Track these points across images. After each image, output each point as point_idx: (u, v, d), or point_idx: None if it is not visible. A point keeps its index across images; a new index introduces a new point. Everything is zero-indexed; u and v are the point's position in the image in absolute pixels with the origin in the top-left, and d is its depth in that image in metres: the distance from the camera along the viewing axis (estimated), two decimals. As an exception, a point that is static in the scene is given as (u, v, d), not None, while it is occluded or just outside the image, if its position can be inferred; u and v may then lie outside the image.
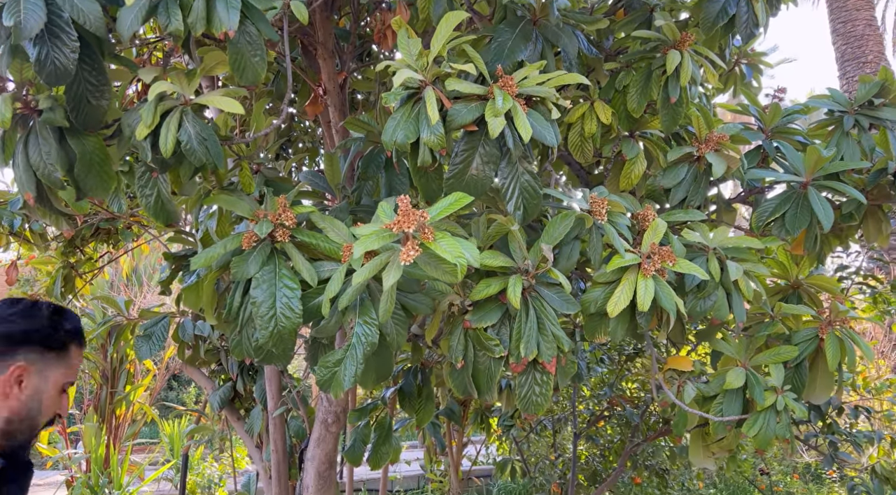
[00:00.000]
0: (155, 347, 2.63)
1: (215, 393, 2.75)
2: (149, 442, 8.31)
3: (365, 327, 1.21)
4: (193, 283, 1.33)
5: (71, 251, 3.25)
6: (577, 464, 3.03)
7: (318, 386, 1.22)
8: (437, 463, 6.38)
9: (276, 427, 2.44)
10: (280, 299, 1.22)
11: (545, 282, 1.33)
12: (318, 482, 2.20)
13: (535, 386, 1.31)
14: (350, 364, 1.20)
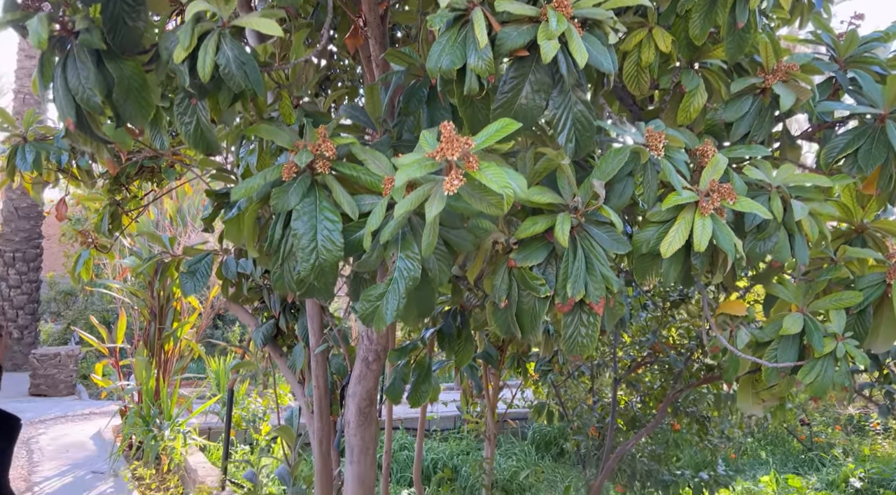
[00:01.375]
0: (199, 284, 2.67)
1: (258, 329, 2.80)
2: (196, 376, 8.65)
3: (407, 261, 1.18)
4: (235, 216, 1.31)
5: (116, 189, 3.30)
6: (617, 409, 3.02)
7: (361, 319, 1.20)
8: (473, 405, 6.49)
9: (318, 363, 2.47)
10: (321, 232, 1.19)
11: (595, 221, 1.27)
12: (359, 418, 2.24)
13: (580, 328, 1.27)
14: (392, 298, 1.17)
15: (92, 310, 11.41)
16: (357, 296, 1.44)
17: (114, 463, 5.83)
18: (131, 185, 3.43)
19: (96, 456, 6.27)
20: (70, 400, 9.00)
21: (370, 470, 2.29)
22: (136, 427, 5.99)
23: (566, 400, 3.93)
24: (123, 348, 7.13)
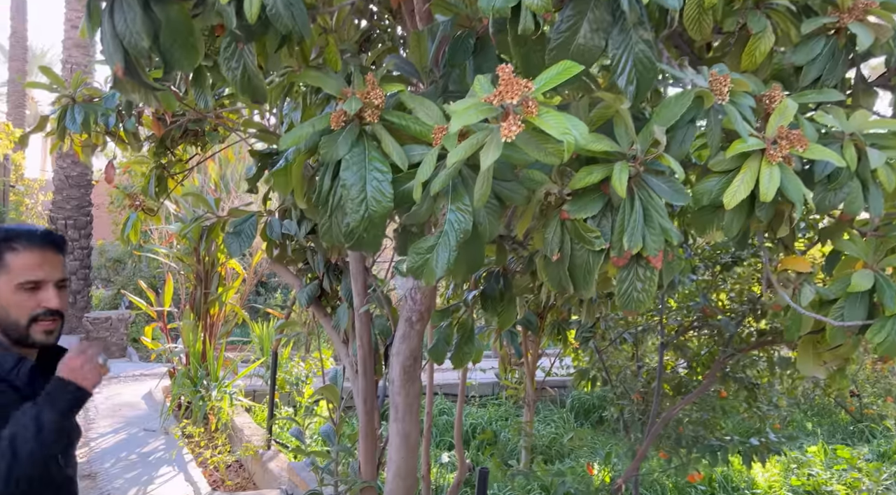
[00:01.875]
0: (244, 244, 2.69)
1: (303, 290, 2.82)
2: (241, 340, 8.87)
3: (458, 214, 1.15)
4: (283, 167, 1.29)
5: (162, 152, 3.33)
6: (663, 374, 2.97)
7: (410, 273, 1.18)
8: (511, 373, 6.51)
9: (362, 323, 2.48)
10: (370, 182, 1.17)
11: (654, 170, 1.21)
12: (403, 376, 2.24)
13: (637, 282, 1.23)
14: (443, 251, 1.15)
15: (140, 275, 11.76)
16: (404, 250, 1.41)
17: (164, 422, 6.05)
18: (176, 149, 3.46)
19: (147, 414, 6.51)
20: (122, 362, 9.35)
21: (414, 427, 2.31)
22: (184, 388, 6.19)
23: (609, 367, 3.89)
24: (171, 312, 7.34)
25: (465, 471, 3.90)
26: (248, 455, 5.04)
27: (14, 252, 1.38)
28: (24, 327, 1.38)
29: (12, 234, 1.40)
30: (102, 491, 4.53)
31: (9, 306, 1.38)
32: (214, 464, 5.13)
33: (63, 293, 1.46)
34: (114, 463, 5.09)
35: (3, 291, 1.38)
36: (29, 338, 1.39)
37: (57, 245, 1.47)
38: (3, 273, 1.38)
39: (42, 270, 1.40)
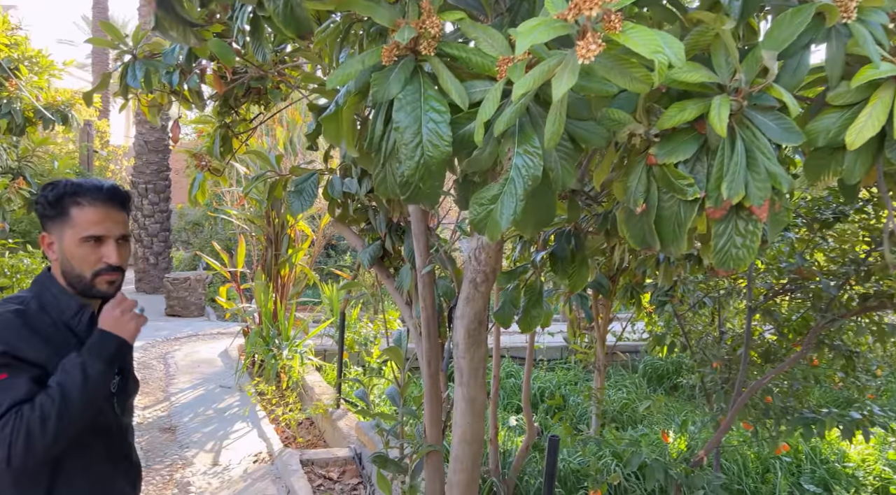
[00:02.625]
0: (306, 203, 2.63)
1: (365, 251, 2.75)
2: (311, 301, 9.04)
3: (526, 157, 1.01)
4: (332, 112, 1.18)
5: (226, 111, 3.31)
6: (750, 341, 2.75)
7: (472, 226, 1.05)
8: (580, 337, 6.35)
9: (425, 285, 2.39)
10: (426, 124, 1.04)
11: (760, 105, 1.02)
12: (468, 339, 2.14)
13: (736, 237, 1.05)
14: (508, 200, 1.01)
15: (216, 237, 12.15)
16: (465, 202, 1.28)
17: (239, 379, 6.25)
18: (240, 108, 3.43)
19: (223, 371, 6.75)
20: (200, 321, 9.74)
21: (480, 392, 2.21)
22: (257, 346, 6.36)
23: (688, 332, 3.67)
24: (244, 273, 7.52)
25: (533, 436, 3.82)
26: (318, 413, 5.13)
27: (79, 206, 1.41)
28: (89, 280, 1.42)
29: (78, 189, 1.42)
30: (182, 443, 4.72)
31: (73, 259, 1.41)
32: (286, 422, 5.25)
33: (124, 248, 1.48)
34: (192, 418, 5.30)
35: (68, 244, 1.41)
36: (93, 290, 1.43)
37: (121, 202, 1.48)
38: (68, 226, 1.41)
39: (105, 226, 1.42)
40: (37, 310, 1.40)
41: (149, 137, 12.04)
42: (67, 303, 1.43)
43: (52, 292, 1.43)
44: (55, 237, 1.43)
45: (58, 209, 1.41)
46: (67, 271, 1.43)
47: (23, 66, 5.52)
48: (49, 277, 1.46)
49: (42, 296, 1.43)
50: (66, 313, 1.42)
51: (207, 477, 4.11)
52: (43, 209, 1.43)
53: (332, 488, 3.96)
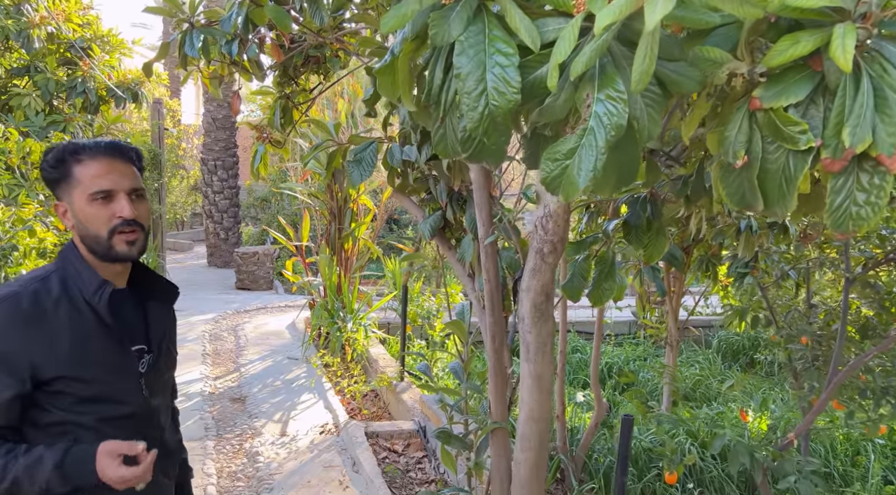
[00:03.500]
0: (365, 172, 2.56)
1: (425, 221, 2.65)
2: (374, 274, 9.10)
3: (608, 104, 0.87)
4: (387, 63, 1.07)
5: (286, 81, 3.26)
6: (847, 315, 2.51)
7: (544, 185, 0.93)
8: (650, 312, 6.12)
9: (488, 256, 2.28)
10: (491, 69, 0.92)
11: (892, 35, 0.85)
12: (534, 313, 2.02)
13: (858, 193, 0.89)
14: (587, 154, 0.88)
15: (282, 212, 12.39)
16: (535, 160, 1.16)
17: (305, 351, 6.35)
18: (300, 78, 3.39)
19: (290, 343, 6.88)
20: (268, 294, 9.98)
21: (547, 368, 2.10)
22: (322, 319, 6.44)
23: (774, 306, 3.43)
24: (308, 247, 7.61)
25: (603, 413, 3.69)
26: (383, 385, 5.14)
27: (80, 163, 1.35)
28: (106, 240, 1.34)
29: (77, 146, 1.36)
30: (251, 414, 4.83)
31: (87, 221, 1.34)
32: (351, 393, 5.30)
33: (140, 203, 1.39)
34: (261, 389, 5.42)
35: (78, 205, 1.34)
36: (112, 251, 1.35)
37: (123, 153, 1.40)
38: (75, 186, 1.34)
39: (110, 178, 1.35)
40: (55, 288, 1.33)
41: (216, 114, 12.31)
42: (89, 278, 1.35)
43: (75, 267, 1.37)
44: (67, 202, 1.37)
45: (61, 170, 1.35)
46: (84, 235, 1.35)
47: (95, 45, 5.66)
48: (72, 249, 1.39)
49: (65, 270, 1.37)
50: (86, 290, 1.35)
51: (275, 448, 4.18)
52: (47, 174, 1.37)
53: (396, 461, 3.96)
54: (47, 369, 1.28)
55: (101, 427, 1.34)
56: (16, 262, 2.92)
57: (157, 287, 1.51)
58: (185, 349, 6.39)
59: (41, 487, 1.23)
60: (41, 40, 5.26)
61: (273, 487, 3.59)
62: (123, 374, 1.39)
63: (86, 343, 1.32)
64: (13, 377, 1.25)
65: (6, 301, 1.28)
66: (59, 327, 1.30)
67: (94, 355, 1.33)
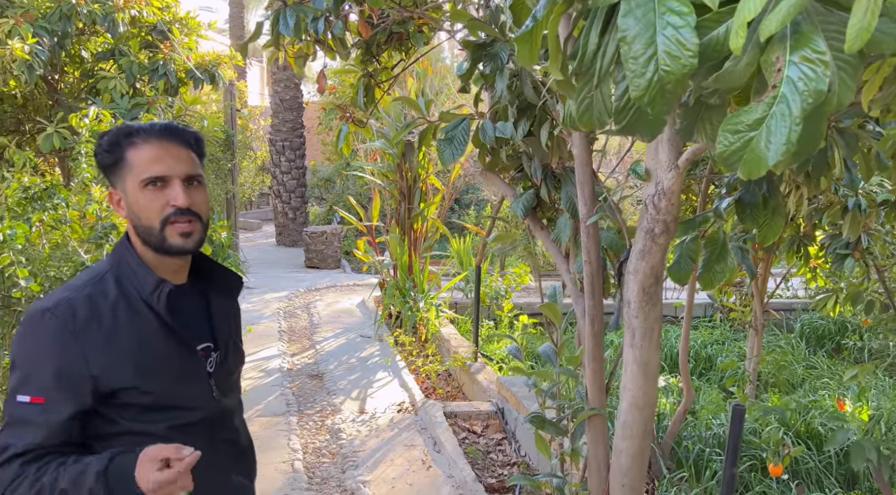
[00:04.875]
0: (457, 151, 2.50)
1: (518, 200, 2.58)
2: (441, 254, 9.09)
3: (804, 67, 0.77)
4: (527, 30, 0.99)
5: (368, 59, 3.23)
6: None
7: (721, 160, 0.84)
8: (728, 293, 5.88)
9: (590, 236, 2.18)
10: (662, 31, 0.82)
11: None
12: (642, 297, 1.92)
13: None
14: (779, 124, 0.78)
15: (348, 192, 12.50)
16: (690, 132, 1.06)
17: (378, 330, 6.41)
18: (381, 56, 3.35)
19: (362, 322, 6.96)
20: (336, 273, 10.13)
21: (653, 354, 2.00)
22: (393, 298, 6.47)
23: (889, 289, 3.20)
24: (378, 226, 7.65)
25: (691, 399, 3.55)
26: (457, 366, 5.13)
27: (134, 146, 1.24)
28: (159, 231, 1.23)
29: (131, 128, 1.26)
30: (329, 390, 4.91)
31: (139, 209, 1.24)
32: (426, 373, 5.31)
33: (197, 191, 1.28)
34: (337, 366, 5.50)
35: (131, 192, 1.24)
36: (166, 243, 1.24)
37: (179, 136, 1.28)
38: (128, 171, 1.24)
39: (165, 163, 1.24)
40: (111, 290, 1.24)
41: (284, 96, 12.48)
42: (145, 278, 1.25)
43: (131, 266, 1.26)
44: (121, 190, 1.27)
45: (115, 154, 1.25)
46: (137, 225, 1.25)
47: (175, 28, 5.78)
48: (126, 246, 1.28)
49: (120, 268, 1.27)
50: (144, 290, 1.25)
51: (356, 425, 4.23)
52: (101, 158, 1.27)
53: (476, 442, 3.94)
54: (109, 381, 1.18)
55: (172, 435, 1.23)
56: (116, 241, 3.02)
57: (221, 278, 1.42)
58: (261, 326, 6.56)
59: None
60: (125, 24, 5.40)
61: (358, 464, 3.63)
62: (191, 378, 1.30)
63: (148, 348, 1.23)
64: (71, 393, 1.16)
65: (58, 309, 1.18)
66: (118, 333, 1.20)
67: (159, 360, 1.24)
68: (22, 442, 1.14)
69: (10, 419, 1.16)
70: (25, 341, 1.19)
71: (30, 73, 4.75)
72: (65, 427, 1.17)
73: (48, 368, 1.16)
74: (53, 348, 1.16)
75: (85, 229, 3.23)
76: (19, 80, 4.97)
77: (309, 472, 3.55)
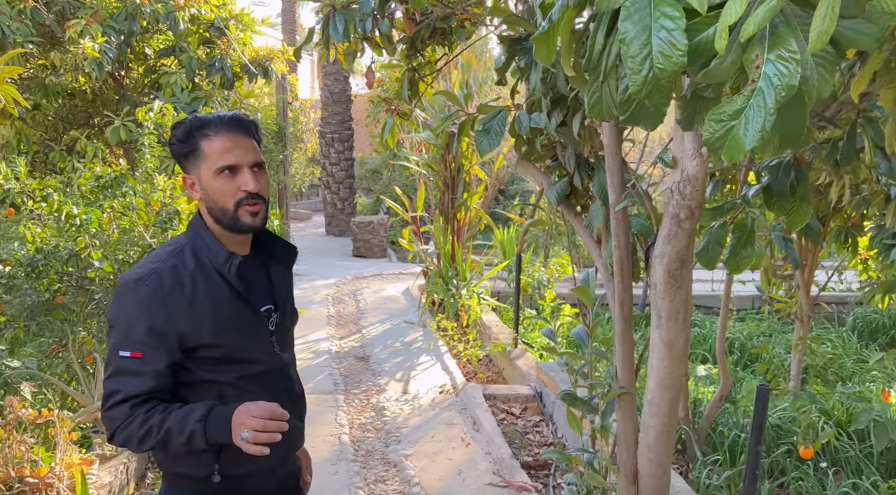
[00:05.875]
0: (494, 142, 2.62)
1: (552, 188, 2.68)
2: (484, 244, 9.21)
3: (779, 64, 0.88)
4: (544, 31, 1.11)
5: (413, 54, 3.37)
6: None
7: (707, 146, 0.95)
8: (776, 285, 5.82)
9: (619, 222, 2.28)
10: (657, 33, 0.94)
11: None
12: (668, 280, 2.02)
13: None
14: (755, 115, 0.89)
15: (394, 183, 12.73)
16: (690, 122, 1.17)
17: (421, 316, 6.59)
18: (425, 51, 3.48)
19: (406, 308, 7.16)
20: (382, 261, 10.38)
21: (679, 335, 2.09)
22: (437, 286, 6.64)
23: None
24: (422, 216, 7.83)
25: (728, 386, 3.60)
26: (497, 351, 5.26)
27: (207, 138, 1.40)
28: (232, 212, 1.41)
29: (203, 121, 1.42)
30: (375, 372, 5.12)
31: (214, 194, 1.41)
32: (467, 357, 5.46)
33: (261, 176, 1.45)
34: (382, 349, 5.71)
35: (206, 179, 1.41)
36: (238, 223, 1.42)
37: (245, 127, 1.45)
38: (202, 161, 1.41)
39: (235, 154, 1.40)
40: (190, 261, 1.42)
41: (333, 89, 12.78)
42: (217, 251, 1.43)
43: (205, 240, 1.44)
44: (195, 176, 1.43)
45: (190, 144, 1.41)
46: (212, 207, 1.42)
47: (231, 24, 6.06)
48: (199, 222, 1.46)
49: (195, 242, 1.44)
50: (216, 261, 1.43)
51: (399, 404, 4.43)
52: (176, 148, 1.43)
53: (514, 423, 4.08)
54: (191, 338, 1.37)
55: (241, 384, 1.43)
56: (181, 226, 3.26)
57: (278, 249, 1.58)
58: (311, 311, 6.83)
59: (186, 439, 1.31)
60: (185, 21, 5.70)
61: (400, 439, 3.82)
62: (256, 335, 1.48)
63: (221, 310, 1.41)
64: (165, 347, 1.35)
65: (149, 279, 1.37)
66: (197, 298, 1.38)
67: (230, 321, 1.42)
68: (128, 389, 1.34)
69: (115, 370, 1.36)
70: (123, 306, 1.38)
71: (99, 70, 5.08)
72: (161, 375, 1.36)
73: (143, 327, 1.35)
74: (146, 311, 1.35)
75: (150, 215, 3.49)
76: (89, 76, 5.33)
77: (355, 445, 3.76)
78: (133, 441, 1.34)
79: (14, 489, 2.45)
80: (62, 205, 3.30)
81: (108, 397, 1.36)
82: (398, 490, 3.28)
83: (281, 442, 1.34)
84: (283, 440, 1.34)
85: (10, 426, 2.54)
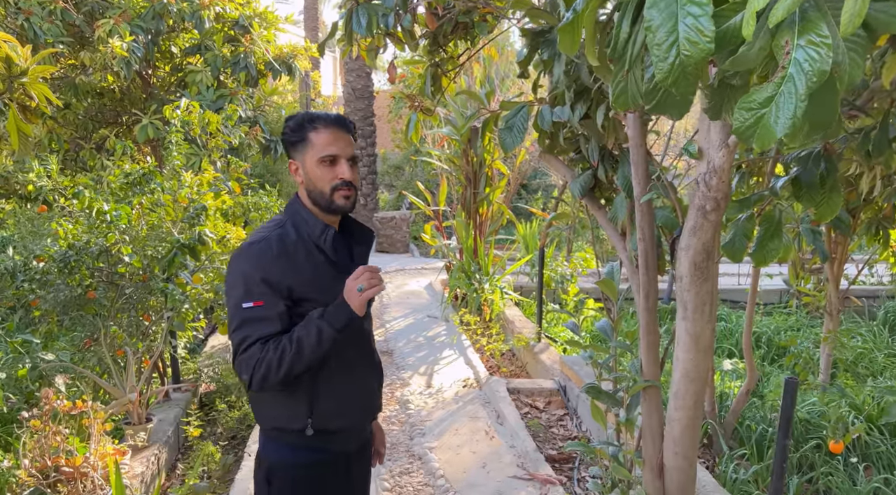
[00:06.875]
0: (517, 138, 2.62)
1: (576, 181, 2.67)
2: (507, 238, 9.19)
3: (809, 50, 0.86)
4: (569, 21, 1.11)
5: (435, 50, 3.38)
6: None
7: (737, 135, 0.94)
8: (805, 279, 5.73)
9: (644, 214, 2.26)
10: (683, 20, 0.93)
11: None
12: (694, 272, 2.00)
13: None
14: (786, 102, 0.88)
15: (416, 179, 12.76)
16: (717, 111, 1.16)
17: (444, 310, 6.61)
18: (447, 46, 3.48)
19: (429, 303, 7.18)
20: (405, 257, 10.42)
21: (705, 328, 2.07)
22: (459, 280, 6.65)
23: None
24: (445, 211, 7.84)
25: (754, 380, 3.56)
26: (520, 345, 5.26)
27: (316, 131, 1.64)
28: (329, 195, 1.64)
29: (314, 116, 1.67)
30: (399, 365, 5.15)
31: (315, 178, 1.64)
32: (490, 352, 5.47)
33: (355, 168, 1.68)
34: (405, 343, 5.74)
35: (309, 165, 1.64)
36: (333, 204, 1.65)
37: (346, 126, 1.69)
38: (309, 149, 1.64)
39: (337, 146, 1.63)
40: (291, 232, 1.65)
41: (356, 85, 12.83)
42: (314, 224, 1.67)
43: (302, 216, 1.68)
44: (299, 162, 1.67)
45: (300, 134, 1.64)
46: (311, 190, 1.65)
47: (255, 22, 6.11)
48: (298, 202, 1.71)
49: (294, 218, 1.69)
50: (314, 233, 1.66)
51: (423, 397, 4.45)
52: (288, 137, 1.67)
53: (538, 416, 4.08)
54: (297, 292, 1.59)
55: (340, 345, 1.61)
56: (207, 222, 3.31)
57: (359, 231, 1.81)
58: (334, 306, 6.87)
59: (315, 338, 1.52)
60: (210, 20, 5.77)
61: (424, 432, 3.84)
62: None
63: (317, 273, 1.64)
64: (278, 295, 1.56)
65: (261, 243, 1.61)
66: (299, 262, 1.62)
67: (325, 283, 1.63)
68: (258, 333, 1.54)
69: (242, 321, 1.55)
70: (239, 266, 1.60)
71: (127, 69, 5.17)
72: (283, 317, 1.57)
73: (258, 279, 1.55)
74: (260, 266, 1.57)
75: (178, 211, 3.55)
76: (118, 75, 5.42)
77: (379, 439, 3.78)
78: (272, 367, 1.51)
79: (50, 478, 2.52)
80: (93, 202, 3.37)
81: (239, 344, 1.55)
82: (423, 482, 3.31)
83: (364, 401, 1.70)
84: (366, 399, 1.70)
85: (46, 417, 2.61)
